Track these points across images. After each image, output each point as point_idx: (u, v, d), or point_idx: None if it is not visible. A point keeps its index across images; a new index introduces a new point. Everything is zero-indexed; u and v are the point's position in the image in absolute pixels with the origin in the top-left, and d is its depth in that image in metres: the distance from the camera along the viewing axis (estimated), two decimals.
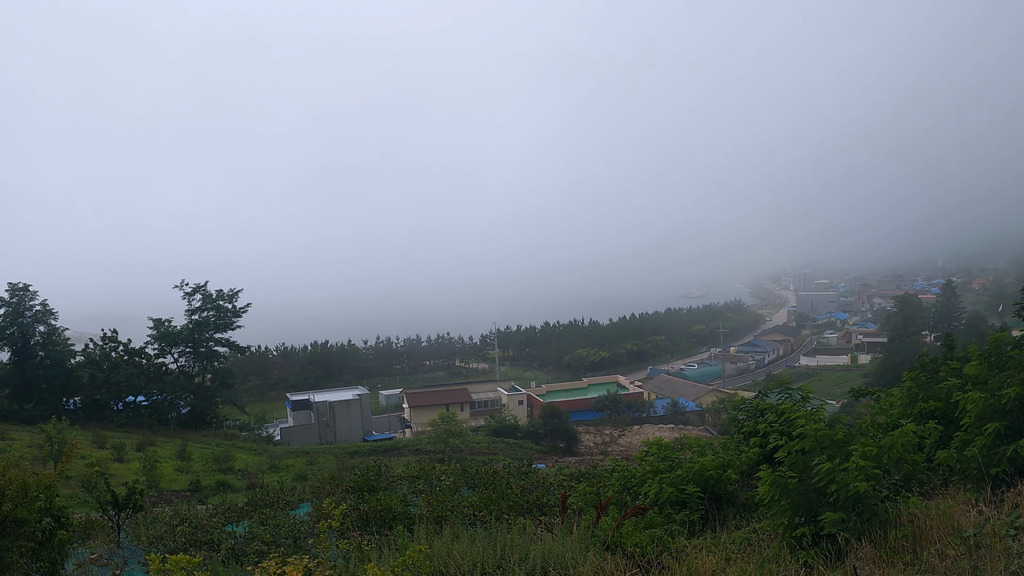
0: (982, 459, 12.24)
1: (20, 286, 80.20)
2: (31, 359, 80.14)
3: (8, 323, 79.41)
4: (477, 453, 69.87)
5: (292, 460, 66.64)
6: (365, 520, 19.66)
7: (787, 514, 11.72)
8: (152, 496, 42.72)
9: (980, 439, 12.44)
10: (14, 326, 79.46)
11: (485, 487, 25.15)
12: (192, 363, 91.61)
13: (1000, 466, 11.97)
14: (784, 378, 22.82)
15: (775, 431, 14.54)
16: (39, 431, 56.33)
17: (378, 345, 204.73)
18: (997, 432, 12.26)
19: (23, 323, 79.82)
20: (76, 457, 36.25)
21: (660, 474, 16.77)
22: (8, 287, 79.94)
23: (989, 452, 12.22)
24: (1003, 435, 12.27)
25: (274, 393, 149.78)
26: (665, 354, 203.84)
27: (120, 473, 48.11)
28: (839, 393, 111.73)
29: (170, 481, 52.84)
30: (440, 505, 20.56)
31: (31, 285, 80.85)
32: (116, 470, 50.31)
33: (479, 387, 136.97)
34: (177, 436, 75.31)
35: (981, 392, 12.98)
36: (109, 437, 65.55)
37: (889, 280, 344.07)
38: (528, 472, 30.96)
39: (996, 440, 12.25)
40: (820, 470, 11.35)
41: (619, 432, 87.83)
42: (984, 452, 12.26)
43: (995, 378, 13.28)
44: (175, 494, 46.91)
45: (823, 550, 10.90)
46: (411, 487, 27.41)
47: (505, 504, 20.39)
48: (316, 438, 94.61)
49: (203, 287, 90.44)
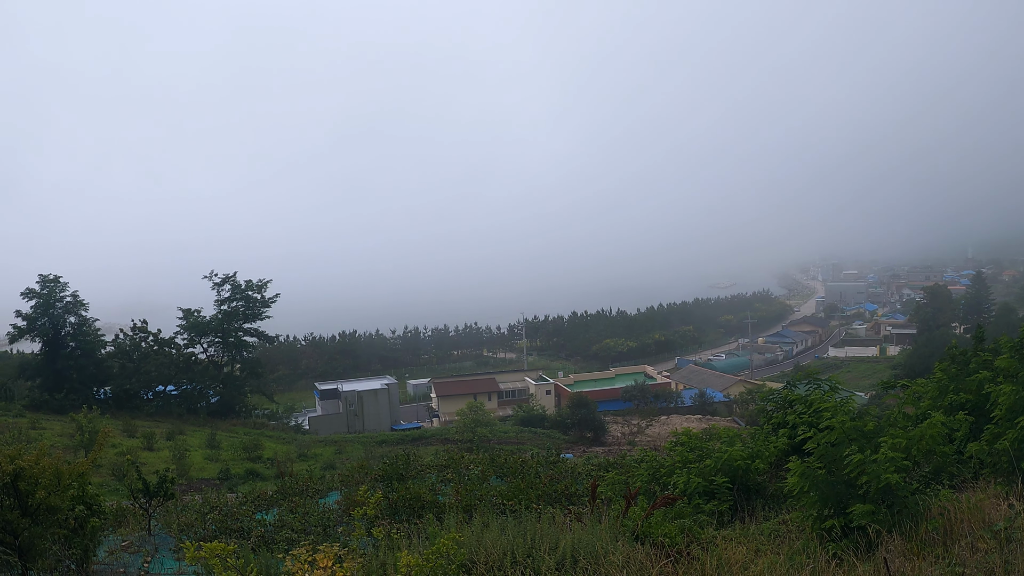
0: (1013, 452, 12.17)
1: (51, 277, 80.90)
2: (62, 349, 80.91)
3: (39, 314, 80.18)
4: (505, 442, 69.93)
5: (321, 449, 66.86)
6: (394, 508, 19.75)
7: (816, 506, 11.70)
8: (182, 484, 42.96)
9: (1011, 432, 12.37)
10: (45, 317, 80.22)
11: (514, 476, 25.24)
12: (221, 353, 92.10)
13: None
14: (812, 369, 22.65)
15: (804, 422, 14.50)
16: (70, 420, 56.73)
17: (406, 335, 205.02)
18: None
19: (54, 314, 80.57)
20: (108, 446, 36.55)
21: (689, 464, 16.78)
22: (39, 278, 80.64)
23: (1020, 445, 12.15)
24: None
25: (303, 382, 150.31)
26: (693, 344, 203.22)
27: (150, 462, 48.36)
28: (868, 385, 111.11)
29: (200, 470, 53.12)
30: (469, 494, 20.63)
31: (61, 276, 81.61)
32: (146, 459, 50.56)
33: (507, 377, 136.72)
34: (206, 425, 75.79)
35: (1012, 384, 12.92)
36: (139, 426, 66.06)
37: (918, 271, 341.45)
38: (556, 462, 31.07)
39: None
40: (851, 461, 11.31)
41: (647, 422, 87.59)
42: (1015, 445, 12.19)
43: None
44: (205, 482, 47.14)
45: (853, 542, 10.88)
46: (440, 476, 27.51)
47: (534, 493, 20.45)
48: (344, 427, 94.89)
49: (232, 277, 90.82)
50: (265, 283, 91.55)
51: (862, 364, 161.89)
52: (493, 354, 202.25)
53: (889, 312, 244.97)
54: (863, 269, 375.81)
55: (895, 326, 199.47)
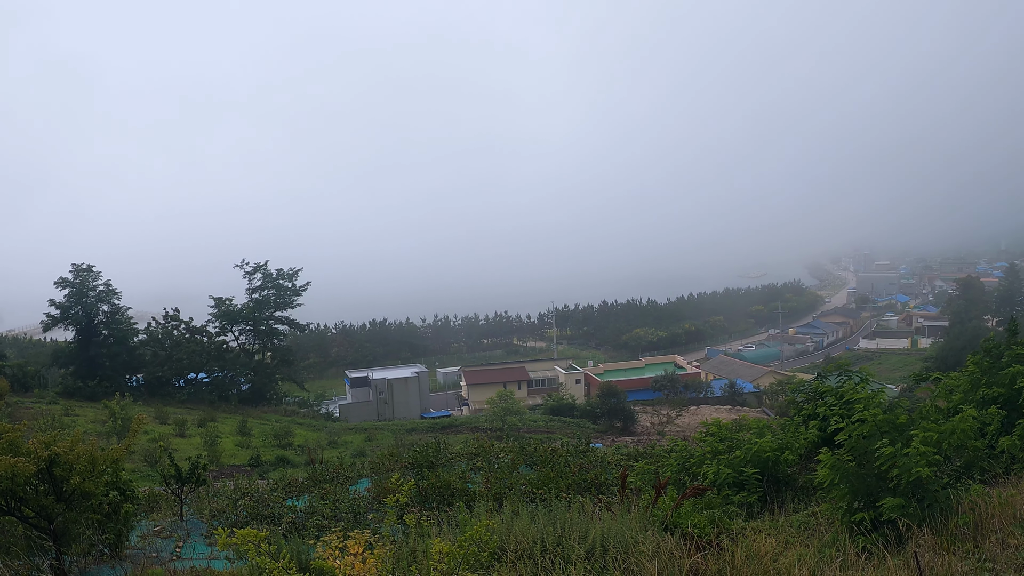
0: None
1: (84, 267, 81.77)
2: (95, 338, 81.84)
3: (72, 303, 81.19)
4: (534, 431, 69.95)
5: (351, 436, 67.15)
6: (424, 496, 19.87)
7: (846, 498, 11.69)
8: (213, 471, 43.31)
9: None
10: (78, 306, 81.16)
11: (543, 465, 25.27)
12: (252, 341, 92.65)
13: None
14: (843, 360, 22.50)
15: (835, 414, 14.46)
16: (103, 407, 57.29)
17: (436, 323, 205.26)
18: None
19: (87, 303, 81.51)
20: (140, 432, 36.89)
21: (718, 455, 16.78)
22: (72, 268, 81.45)
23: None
24: None
25: (333, 370, 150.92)
26: (723, 334, 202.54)
27: (182, 448, 48.80)
28: (899, 377, 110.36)
29: (231, 456, 53.49)
30: (499, 482, 20.71)
31: (94, 266, 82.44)
32: (178, 445, 51.03)
33: (537, 366, 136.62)
34: (238, 412, 76.32)
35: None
36: (171, 413, 66.58)
37: (951, 262, 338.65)
38: (586, 451, 31.07)
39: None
40: (882, 454, 11.28)
41: (676, 412, 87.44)
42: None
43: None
44: (236, 469, 47.47)
45: (882, 535, 10.87)
46: (470, 464, 27.59)
47: (564, 482, 20.50)
48: (374, 415, 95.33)
49: (263, 266, 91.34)
50: (296, 272, 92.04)
51: (893, 356, 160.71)
52: (523, 343, 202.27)
53: (921, 304, 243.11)
54: (895, 260, 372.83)
55: (927, 318, 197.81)
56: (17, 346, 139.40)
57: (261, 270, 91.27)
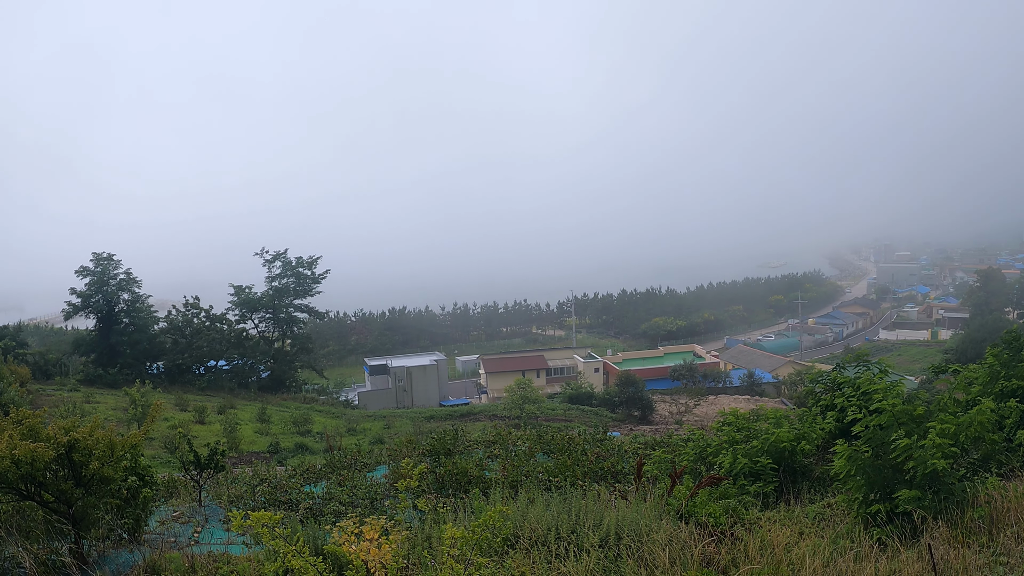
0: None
1: (104, 256, 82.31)
2: (115, 325, 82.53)
3: (93, 291, 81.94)
4: (552, 420, 70.05)
5: (369, 424, 67.29)
6: (441, 483, 19.92)
7: (862, 490, 11.67)
8: (232, 457, 43.53)
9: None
10: (99, 294, 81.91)
11: (560, 453, 25.28)
12: (272, 329, 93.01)
13: None
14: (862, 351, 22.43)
15: (852, 405, 14.42)
16: (123, 394, 57.65)
17: (455, 311, 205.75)
18: None
19: (108, 291, 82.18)
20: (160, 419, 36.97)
21: (735, 445, 16.77)
22: (92, 256, 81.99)
23: None
24: None
25: (352, 358, 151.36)
26: (742, 324, 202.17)
27: (201, 435, 48.95)
28: (918, 369, 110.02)
29: (250, 443, 53.71)
30: (515, 470, 20.74)
31: (115, 254, 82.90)
32: (197, 432, 51.19)
33: (555, 354, 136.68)
34: (257, 399, 76.64)
35: None
36: (191, 400, 66.97)
37: (972, 254, 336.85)
38: (603, 440, 31.03)
39: None
40: (898, 446, 11.26)
41: (694, 402, 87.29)
42: None
43: None
44: (255, 455, 47.72)
45: (897, 527, 10.86)
46: (487, 452, 27.66)
47: (580, 470, 20.51)
48: (393, 403, 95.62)
49: (283, 254, 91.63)
50: (315, 260, 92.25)
51: (913, 347, 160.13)
52: (542, 331, 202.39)
53: (941, 295, 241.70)
54: (916, 251, 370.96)
55: (947, 309, 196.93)
56: (39, 334, 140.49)
57: (280, 258, 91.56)
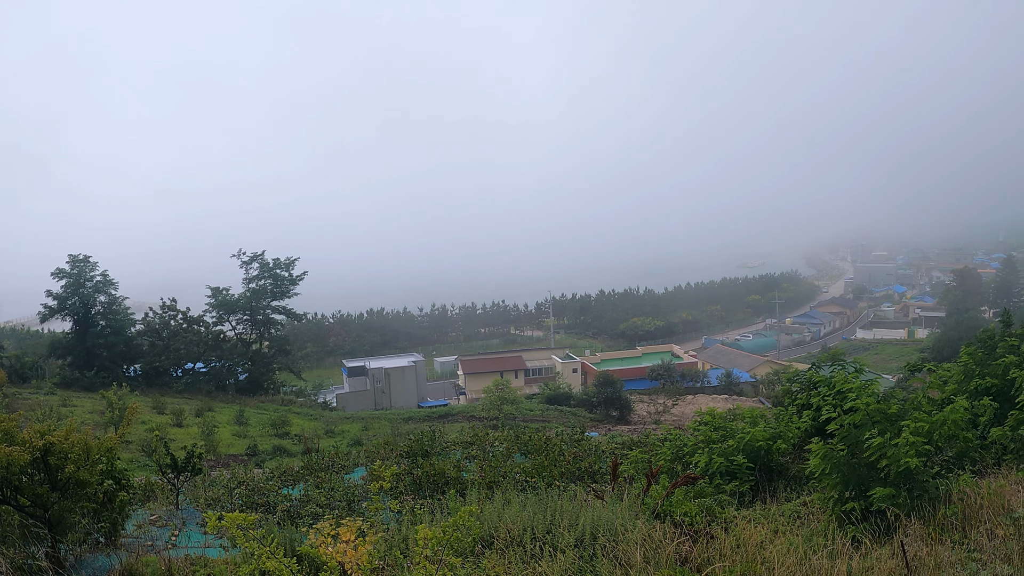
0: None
1: (81, 257, 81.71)
2: (92, 328, 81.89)
3: (70, 293, 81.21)
4: (530, 420, 70.05)
5: (347, 425, 67.19)
6: (418, 484, 19.96)
7: (837, 488, 11.73)
8: (210, 460, 43.49)
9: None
10: (75, 296, 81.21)
11: (537, 454, 25.36)
12: (250, 330, 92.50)
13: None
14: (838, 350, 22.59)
15: (827, 404, 14.51)
16: (100, 397, 57.35)
17: (433, 312, 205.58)
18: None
19: (84, 293, 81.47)
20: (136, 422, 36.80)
21: (711, 444, 16.83)
22: (69, 258, 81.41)
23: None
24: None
25: (330, 360, 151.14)
26: (720, 324, 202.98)
27: (179, 438, 48.82)
28: (895, 367, 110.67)
29: (228, 446, 53.60)
30: (493, 471, 20.81)
31: (91, 256, 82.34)
32: (175, 435, 51.09)
33: (533, 355, 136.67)
34: (235, 402, 76.34)
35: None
36: (168, 403, 66.65)
37: (949, 253, 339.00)
38: (580, 440, 31.14)
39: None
40: (871, 444, 11.33)
41: (672, 401, 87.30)
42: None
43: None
44: (233, 458, 47.64)
45: (872, 525, 10.91)
46: (464, 453, 27.71)
47: (557, 471, 20.60)
48: (371, 404, 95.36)
49: (260, 256, 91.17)
50: (293, 261, 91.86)
51: (890, 346, 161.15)
52: (520, 332, 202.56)
53: (918, 294, 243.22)
54: (893, 251, 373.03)
55: (924, 308, 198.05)
56: (15, 337, 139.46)
57: (258, 260, 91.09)
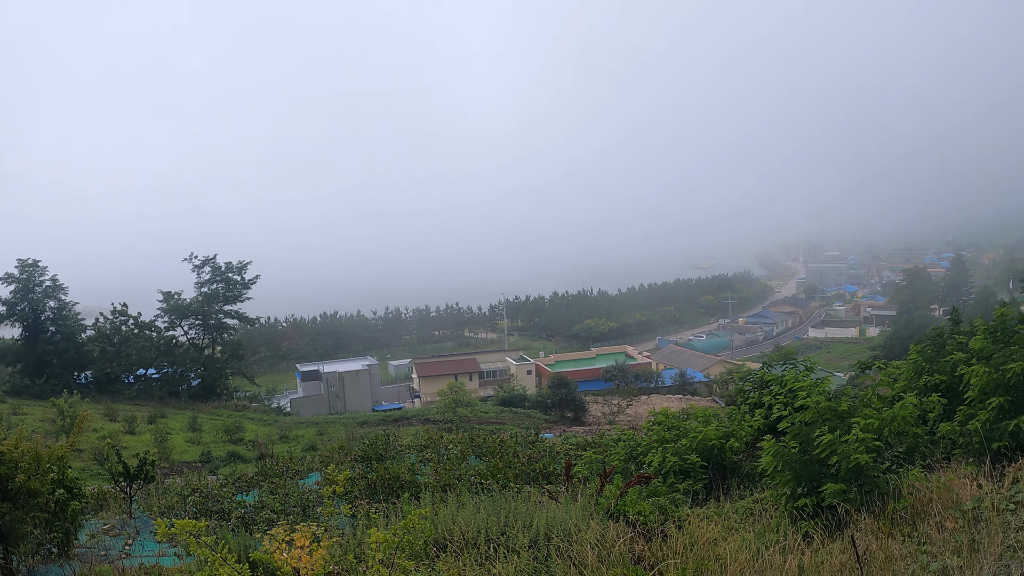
0: (984, 433, 12.31)
1: (29, 262, 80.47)
2: (42, 334, 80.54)
3: (19, 299, 79.72)
4: (485, 422, 70.00)
5: (302, 430, 66.81)
6: (373, 488, 19.89)
7: (789, 484, 11.84)
8: (163, 467, 43.04)
9: (983, 413, 12.49)
10: (24, 302, 79.75)
11: (492, 456, 25.38)
12: (202, 335, 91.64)
13: (1002, 440, 12.05)
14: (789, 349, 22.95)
15: (779, 402, 14.65)
16: (51, 405, 56.68)
17: (387, 316, 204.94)
18: (1000, 407, 12.32)
19: (33, 299, 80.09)
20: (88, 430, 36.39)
21: (665, 444, 16.91)
22: (18, 263, 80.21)
23: (991, 426, 12.29)
24: (1006, 410, 12.32)
25: (284, 364, 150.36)
26: (674, 324, 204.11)
27: (132, 445, 48.25)
28: (847, 366, 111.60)
29: (181, 452, 53.06)
30: (447, 473, 20.77)
31: (40, 260, 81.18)
32: (128, 442, 50.52)
33: (488, 357, 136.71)
34: (188, 408, 75.63)
35: (986, 366, 13.02)
36: (120, 410, 65.80)
37: (899, 253, 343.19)
38: (535, 441, 31.23)
39: (999, 414, 12.31)
40: (821, 441, 11.46)
41: (627, 402, 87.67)
42: (987, 426, 12.33)
43: (1000, 353, 13.30)
44: (186, 465, 47.17)
45: (824, 521, 11.02)
46: (419, 456, 27.67)
47: (511, 472, 20.61)
48: (326, 408, 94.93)
49: (212, 259, 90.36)
50: (245, 265, 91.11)
51: (842, 345, 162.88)
52: (474, 334, 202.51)
53: (869, 293, 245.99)
54: (844, 251, 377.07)
55: (875, 307, 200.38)
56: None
57: (210, 263, 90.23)
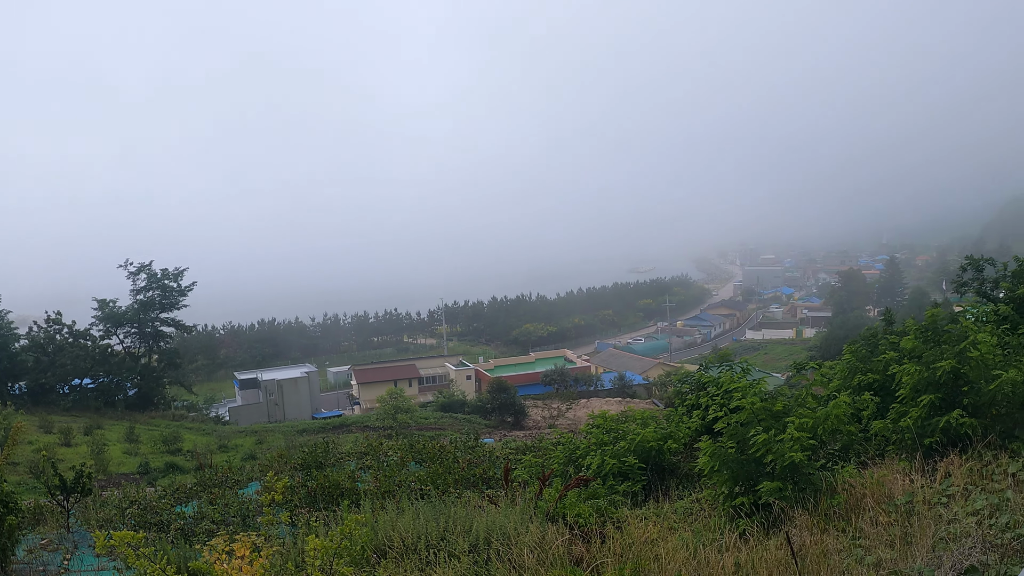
0: (916, 430, 12.55)
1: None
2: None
3: None
4: (425, 428, 69.88)
5: (241, 440, 66.27)
6: (313, 497, 19.78)
7: (727, 484, 12.01)
8: (101, 480, 42.47)
9: (915, 410, 12.74)
10: None
11: (432, 462, 25.34)
12: (138, 344, 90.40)
13: (933, 436, 12.30)
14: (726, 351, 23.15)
15: (715, 403, 14.83)
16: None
17: (326, 322, 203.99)
18: (931, 404, 12.57)
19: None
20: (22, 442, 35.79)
21: (604, 446, 17.01)
22: None
23: (923, 423, 12.53)
24: (937, 407, 12.58)
25: (222, 372, 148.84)
26: (613, 328, 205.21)
27: (68, 457, 47.51)
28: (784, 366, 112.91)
29: (119, 464, 52.40)
30: (387, 480, 20.71)
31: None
32: (64, 454, 49.74)
33: (427, 363, 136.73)
34: (125, 418, 74.46)
35: (917, 365, 13.28)
36: (56, 421, 64.73)
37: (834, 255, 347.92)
38: (475, 446, 31.19)
39: (930, 411, 12.57)
40: (757, 441, 11.63)
41: (567, 406, 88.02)
42: (918, 423, 12.57)
43: (930, 352, 13.58)
44: (124, 477, 46.60)
45: (761, 518, 11.18)
46: (359, 463, 27.52)
47: (452, 478, 20.60)
48: (265, 417, 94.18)
49: (148, 266, 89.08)
50: (181, 271, 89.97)
51: (779, 346, 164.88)
52: (413, 340, 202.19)
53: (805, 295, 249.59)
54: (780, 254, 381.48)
55: (811, 309, 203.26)
56: None
57: (146, 270, 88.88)
